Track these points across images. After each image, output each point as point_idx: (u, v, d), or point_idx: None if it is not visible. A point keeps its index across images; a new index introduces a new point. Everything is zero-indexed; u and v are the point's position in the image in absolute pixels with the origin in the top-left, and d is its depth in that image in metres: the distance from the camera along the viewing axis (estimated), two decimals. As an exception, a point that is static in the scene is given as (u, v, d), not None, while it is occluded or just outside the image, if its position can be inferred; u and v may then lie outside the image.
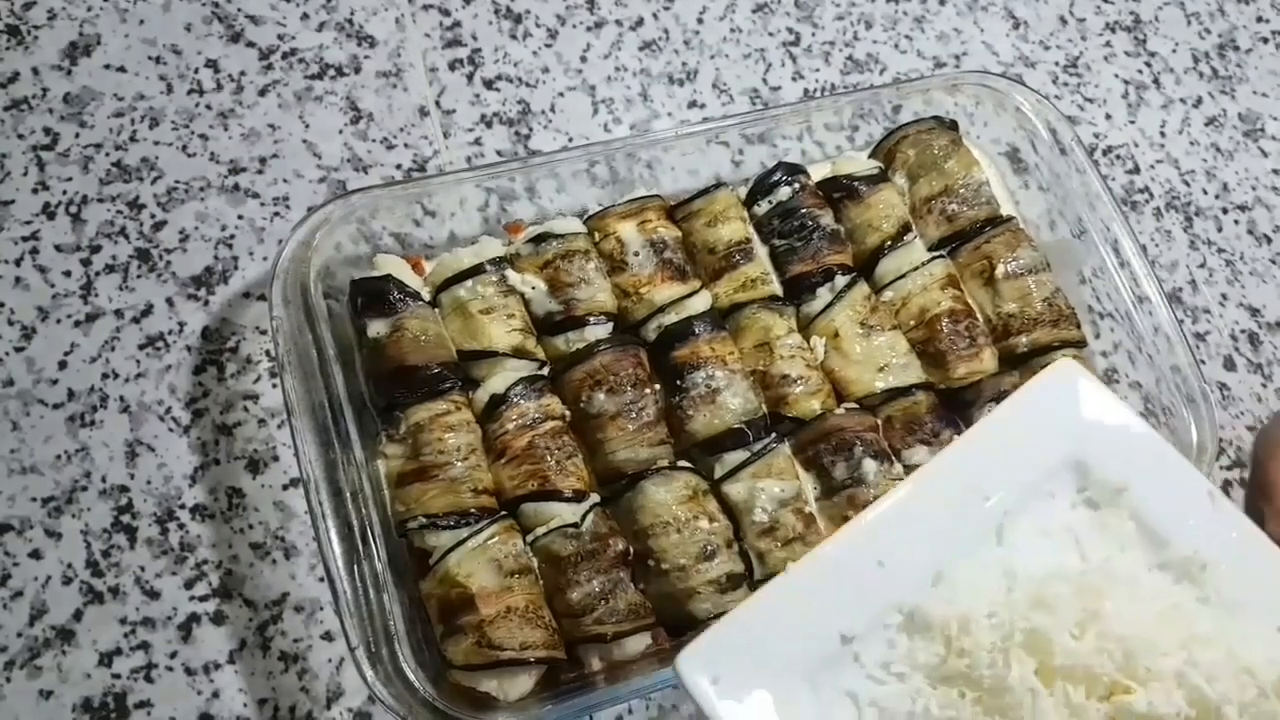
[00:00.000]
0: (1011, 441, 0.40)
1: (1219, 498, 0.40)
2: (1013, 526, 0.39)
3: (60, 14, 0.65)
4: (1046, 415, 0.41)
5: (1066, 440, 0.41)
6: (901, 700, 0.36)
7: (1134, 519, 0.40)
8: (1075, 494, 0.41)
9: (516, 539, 0.51)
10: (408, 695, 0.46)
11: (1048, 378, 0.41)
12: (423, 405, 0.52)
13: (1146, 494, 0.40)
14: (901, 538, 0.38)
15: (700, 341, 0.56)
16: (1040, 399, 0.41)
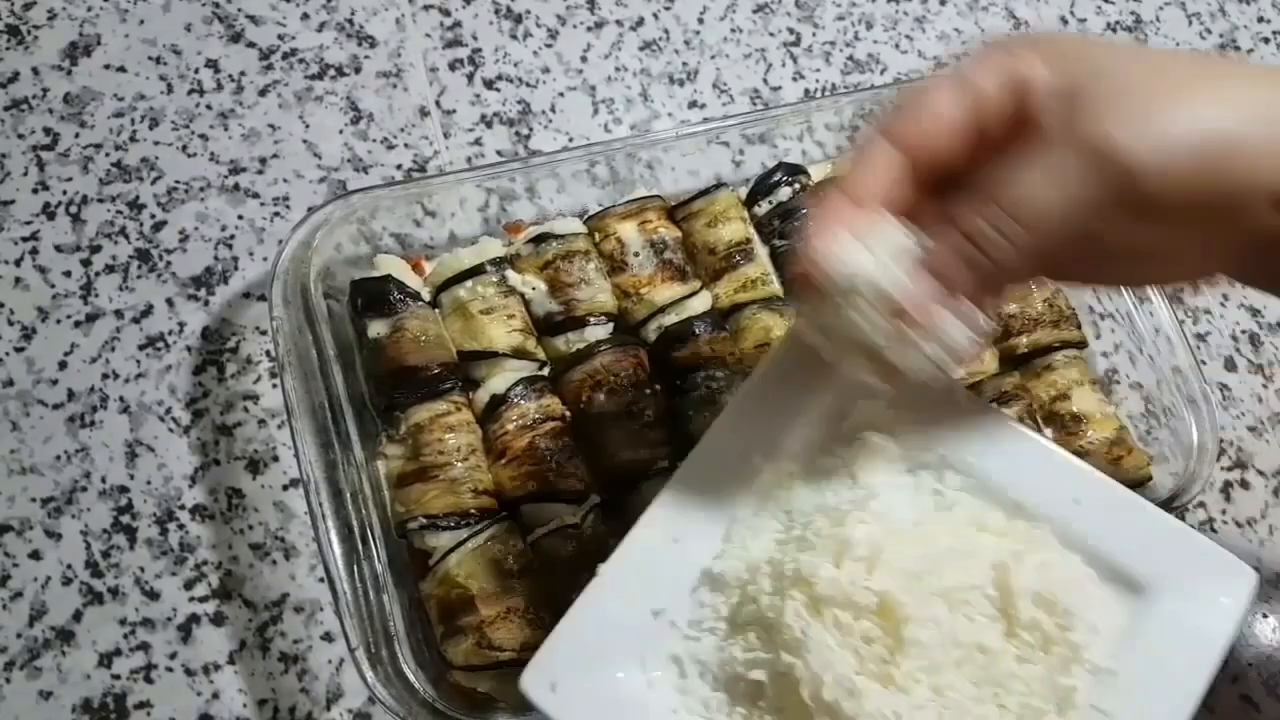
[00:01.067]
0: (776, 396, 0.42)
1: (958, 391, 0.42)
2: (787, 460, 0.41)
3: (60, 14, 0.65)
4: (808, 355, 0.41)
5: (830, 372, 0.41)
6: (712, 651, 0.39)
7: (895, 437, 0.41)
8: (844, 417, 0.42)
9: (517, 540, 0.51)
10: (408, 696, 0.46)
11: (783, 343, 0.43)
12: (423, 405, 0.52)
13: (896, 403, 0.41)
14: (691, 511, 0.41)
15: (701, 342, 0.56)
16: (796, 348, 0.42)
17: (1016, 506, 0.40)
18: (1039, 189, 0.34)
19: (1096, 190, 0.34)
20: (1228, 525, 0.63)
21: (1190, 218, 0.35)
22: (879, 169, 0.36)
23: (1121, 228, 0.35)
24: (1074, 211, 0.34)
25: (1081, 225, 0.34)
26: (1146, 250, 0.37)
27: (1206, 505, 0.64)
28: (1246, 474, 0.65)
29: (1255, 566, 0.61)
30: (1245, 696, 0.58)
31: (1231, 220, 0.35)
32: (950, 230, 0.35)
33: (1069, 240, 0.35)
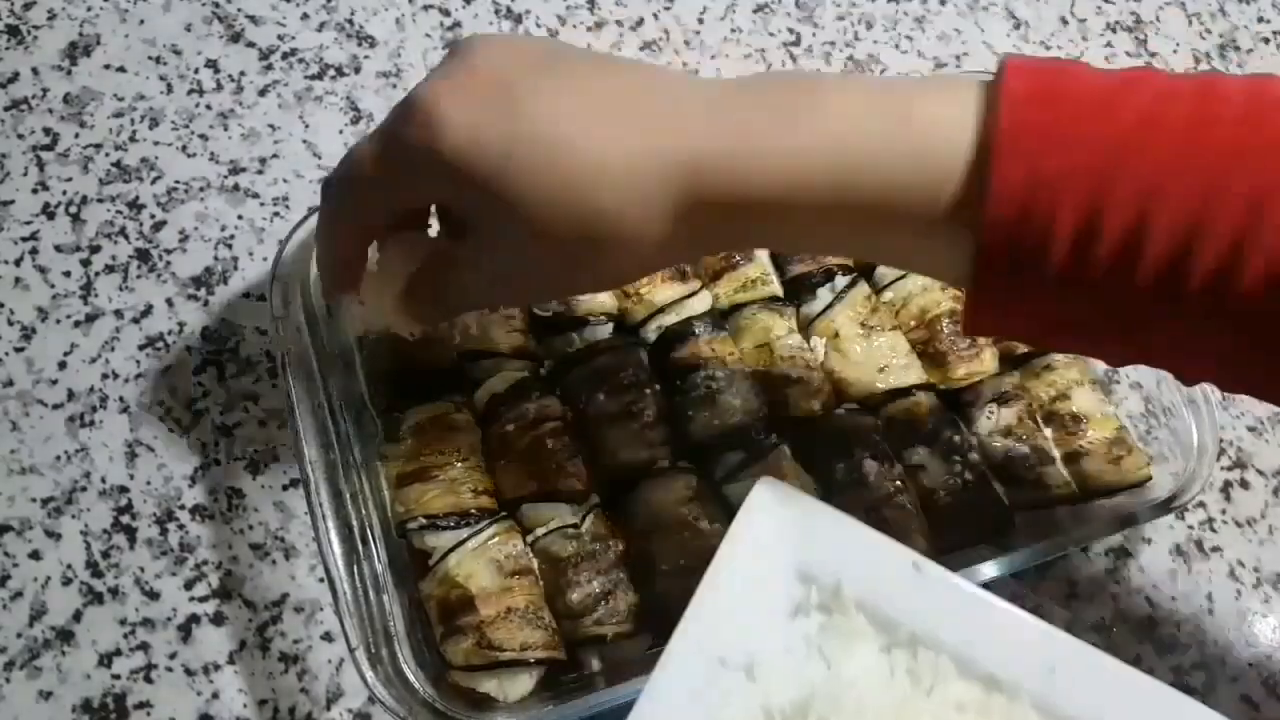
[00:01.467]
0: (738, 590, 0.40)
1: (924, 564, 0.41)
2: (762, 660, 0.40)
3: (60, 14, 0.65)
4: (760, 546, 0.41)
5: (786, 559, 0.41)
6: None
7: (861, 610, 0.40)
8: (810, 603, 0.41)
9: (516, 540, 0.51)
10: (408, 696, 0.46)
11: (748, 508, 0.41)
12: (423, 405, 0.52)
13: (862, 583, 0.40)
14: (675, 710, 0.39)
15: (700, 342, 0.56)
16: (749, 531, 0.41)
17: (992, 680, 0.39)
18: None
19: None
20: (1228, 525, 0.63)
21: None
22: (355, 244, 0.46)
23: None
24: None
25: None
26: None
27: (1206, 505, 0.64)
28: (1246, 474, 0.65)
29: (1255, 567, 0.62)
30: (1245, 696, 0.58)
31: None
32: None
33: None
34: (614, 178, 0.39)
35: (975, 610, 0.41)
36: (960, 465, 0.56)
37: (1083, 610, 0.59)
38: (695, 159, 0.38)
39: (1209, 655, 0.59)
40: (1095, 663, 0.40)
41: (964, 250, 0.37)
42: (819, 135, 0.38)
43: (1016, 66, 0.37)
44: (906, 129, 0.38)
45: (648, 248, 0.41)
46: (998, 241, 0.36)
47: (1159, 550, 0.62)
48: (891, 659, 0.40)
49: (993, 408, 0.58)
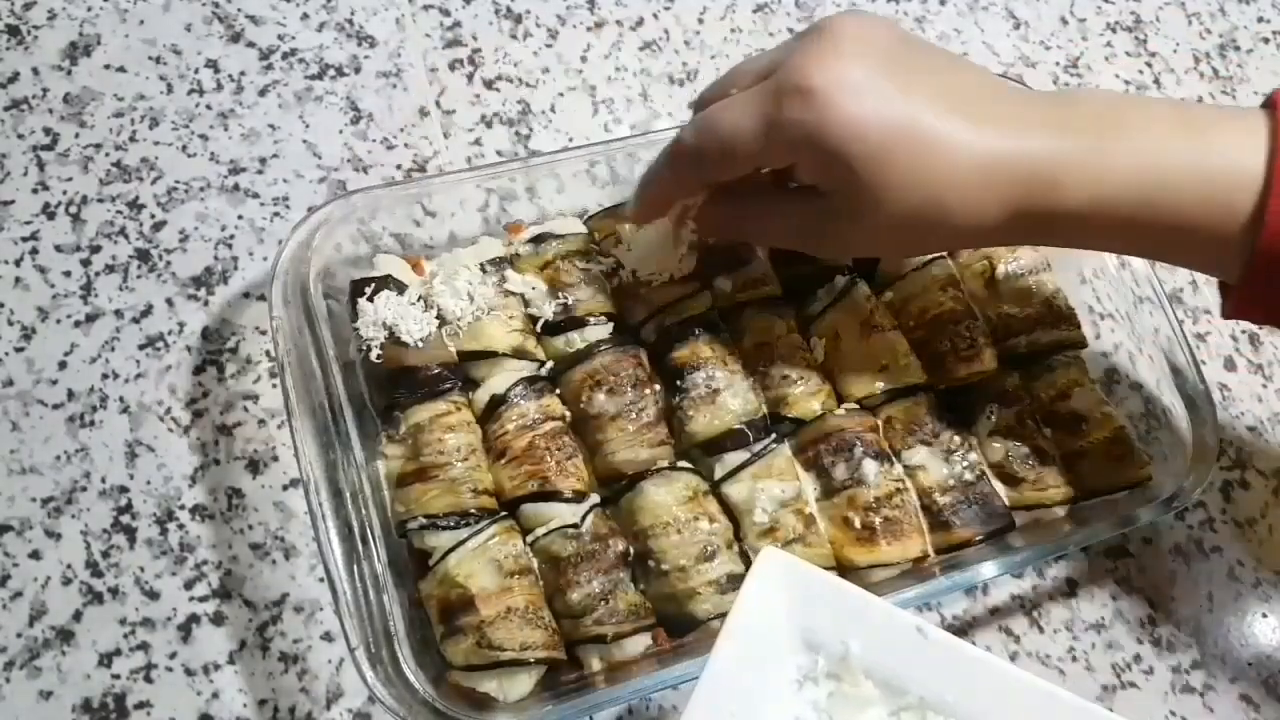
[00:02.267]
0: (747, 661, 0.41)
1: (927, 629, 0.41)
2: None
3: (60, 14, 0.65)
4: (767, 617, 0.41)
5: (792, 629, 0.42)
6: None
7: (869, 677, 0.41)
8: (818, 671, 0.42)
9: (516, 539, 0.51)
10: (408, 696, 0.46)
11: (753, 579, 0.42)
12: (423, 405, 0.52)
13: (868, 649, 0.41)
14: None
15: (700, 342, 0.56)
16: (755, 603, 0.41)
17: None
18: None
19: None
20: (1228, 525, 0.63)
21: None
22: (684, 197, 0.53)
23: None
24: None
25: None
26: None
27: (1206, 505, 0.64)
28: (1246, 474, 0.65)
29: (1255, 566, 0.62)
30: (1245, 696, 0.59)
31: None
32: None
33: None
34: (963, 183, 0.44)
35: (980, 673, 0.41)
36: (960, 465, 0.56)
37: (1083, 610, 0.59)
38: (1027, 175, 0.44)
39: (1209, 655, 0.59)
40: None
41: (1240, 258, 0.44)
42: (1128, 162, 0.44)
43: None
44: (1204, 158, 0.44)
45: (970, 238, 0.50)
46: (1269, 255, 0.43)
47: (1159, 550, 0.62)
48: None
49: (993, 408, 0.58)
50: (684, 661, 0.49)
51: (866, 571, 0.53)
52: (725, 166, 0.48)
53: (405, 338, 0.53)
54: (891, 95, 0.44)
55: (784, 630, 0.42)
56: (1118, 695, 0.57)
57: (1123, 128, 0.45)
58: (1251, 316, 0.49)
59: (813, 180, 0.47)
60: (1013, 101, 0.46)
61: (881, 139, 0.43)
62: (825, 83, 0.43)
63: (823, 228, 0.49)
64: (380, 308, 0.53)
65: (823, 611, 0.42)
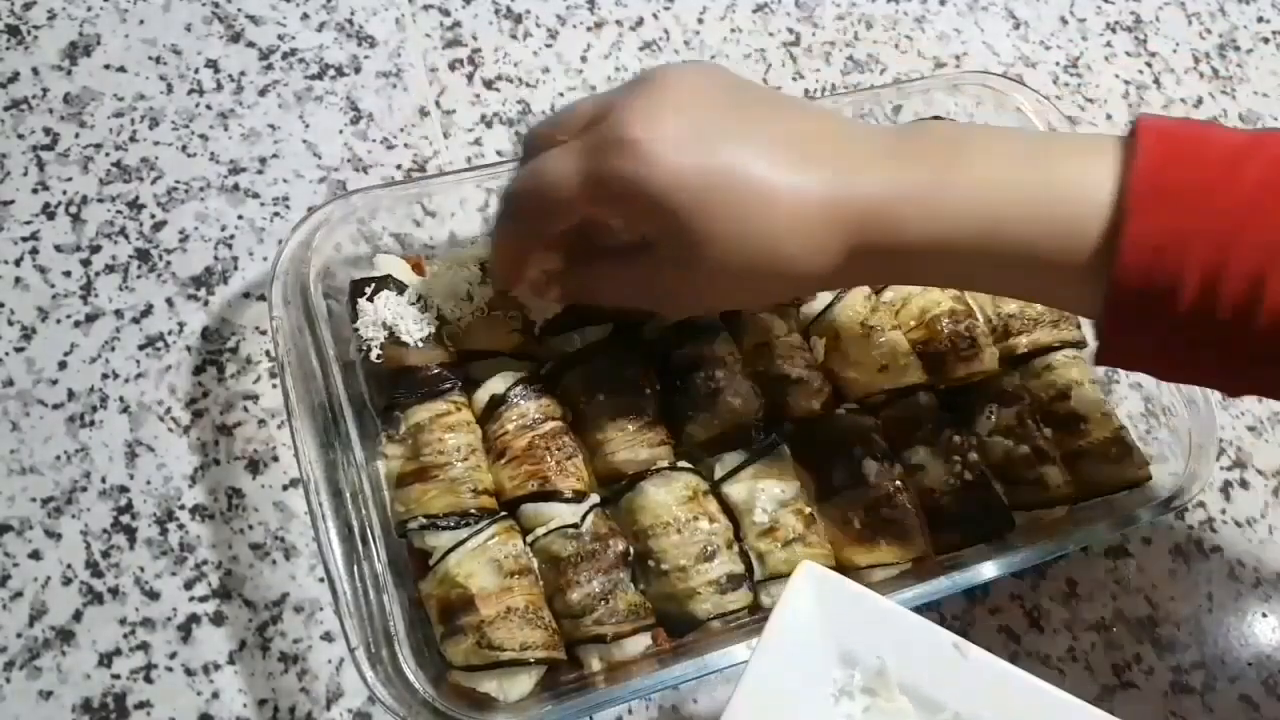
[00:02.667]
0: (783, 675, 0.41)
1: (964, 646, 0.42)
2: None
3: (60, 14, 0.65)
4: (803, 631, 0.42)
5: (828, 643, 0.42)
6: None
7: (905, 692, 0.41)
8: (854, 686, 0.42)
9: (516, 539, 0.51)
10: (408, 696, 0.46)
11: (789, 593, 0.42)
12: (423, 405, 0.52)
13: (904, 664, 0.41)
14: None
15: (700, 342, 0.56)
16: (792, 617, 0.42)
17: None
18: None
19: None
20: (1227, 525, 0.63)
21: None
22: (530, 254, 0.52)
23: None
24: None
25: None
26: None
27: (1206, 505, 0.64)
28: (1246, 474, 0.65)
29: (1255, 566, 0.62)
30: (1245, 696, 0.59)
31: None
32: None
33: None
34: (796, 227, 0.43)
35: (1016, 690, 0.41)
36: (960, 465, 0.56)
37: (1083, 610, 0.59)
38: (862, 214, 0.43)
39: (1209, 655, 0.59)
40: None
41: (1098, 292, 0.41)
42: (968, 194, 0.43)
43: (1148, 127, 0.41)
44: (1049, 190, 0.42)
45: (812, 282, 0.49)
46: (1128, 289, 0.40)
47: (1159, 550, 0.62)
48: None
49: (993, 408, 0.58)
50: (684, 661, 0.49)
51: (866, 571, 0.53)
52: (549, 217, 0.47)
53: (405, 338, 0.53)
54: (714, 146, 0.43)
55: (820, 644, 0.42)
56: (1118, 695, 0.57)
57: (961, 158, 0.43)
58: (1123, 363, 0.46)
59: (640, 233, 0.47)
60: (851, 140, 0.45)
61: (704, 188, 0.43)
62: (647, 134, 0.43)
63: (660, 281, 0.48)
64: (380, 308, 0.53)
65: (859, 626, 0.42)
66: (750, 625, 0.52)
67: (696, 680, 0.49)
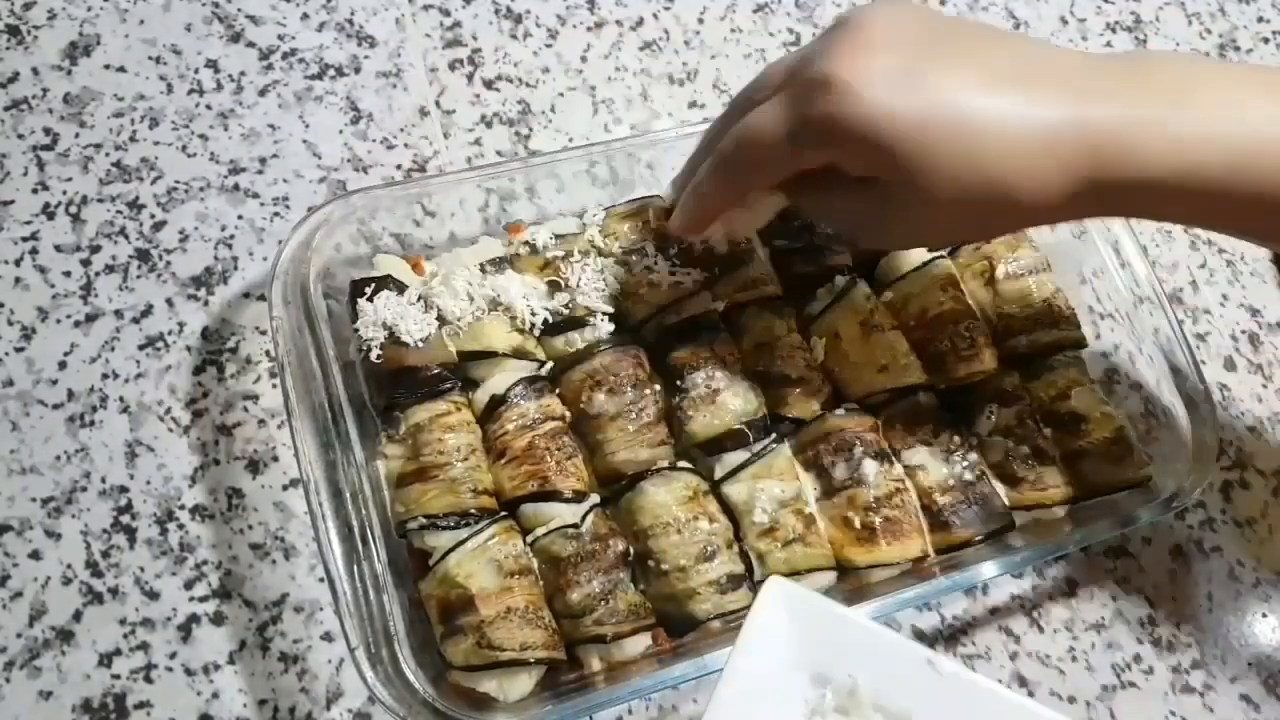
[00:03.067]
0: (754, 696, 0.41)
1: (938, 661, 0.41)
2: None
3: (60, 14, 0.65)
4: (773, 650, 0.41)
5: (799, 662, 0.41)
6: None
7: (877, 709, 0.41)
8: (826, 706, 0.41)
9: (516, 539, 0.51)
10: (408, 696, 0.46)
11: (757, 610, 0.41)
12: (422, 405, 0.52)
13: (877, 682, 0.41)
14: None
15: (700, 342, 0.56)
16: (761, 636, 0.41)
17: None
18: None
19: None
20: (1228, 525, 0.63)
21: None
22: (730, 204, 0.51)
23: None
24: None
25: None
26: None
27: (1206, 505, 0.64)
28: (1246, 474, 0.65)
29: (1255, 566, 0.62)
30: (1245, 696, 0.59)
31: None
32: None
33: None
34: (1018, 155, 0.41)
35: (990, 705, 0.41)
36: (960, 465, 0.56)
37: (1083, 610, 0.59)
38: (1095, 144, 0.41)
39: (1209, 655, 0.59)
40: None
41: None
42: (1214, 125, 0.40)
43: None
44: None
45: (1040, 214, 0.45)
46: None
47: (1159, 550, 0.62)
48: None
49: (993, 408, 0.58)
50: (684, 661, 0.49)
51: (866, 571, 0.53)
52: (763, 171, 0.47)
53: (405, 338, 0.53)
54: (922, 80, 0.42)
55: (790, 663, 0.41)
56: (1118, 695, 0.57)
57: (1200, 93, 0.41)
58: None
59: (862, 172, 0.45)
60: (1072, 68, 0.43)
61: (919, 124, 0.41)
62: (850, 75, 0.42)
63: (882, 217, 0.46)
64: (380, 308, 0.53)
65: (830, 643, 0.41)
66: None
67: (696, 680, 0.49)
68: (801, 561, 0.52)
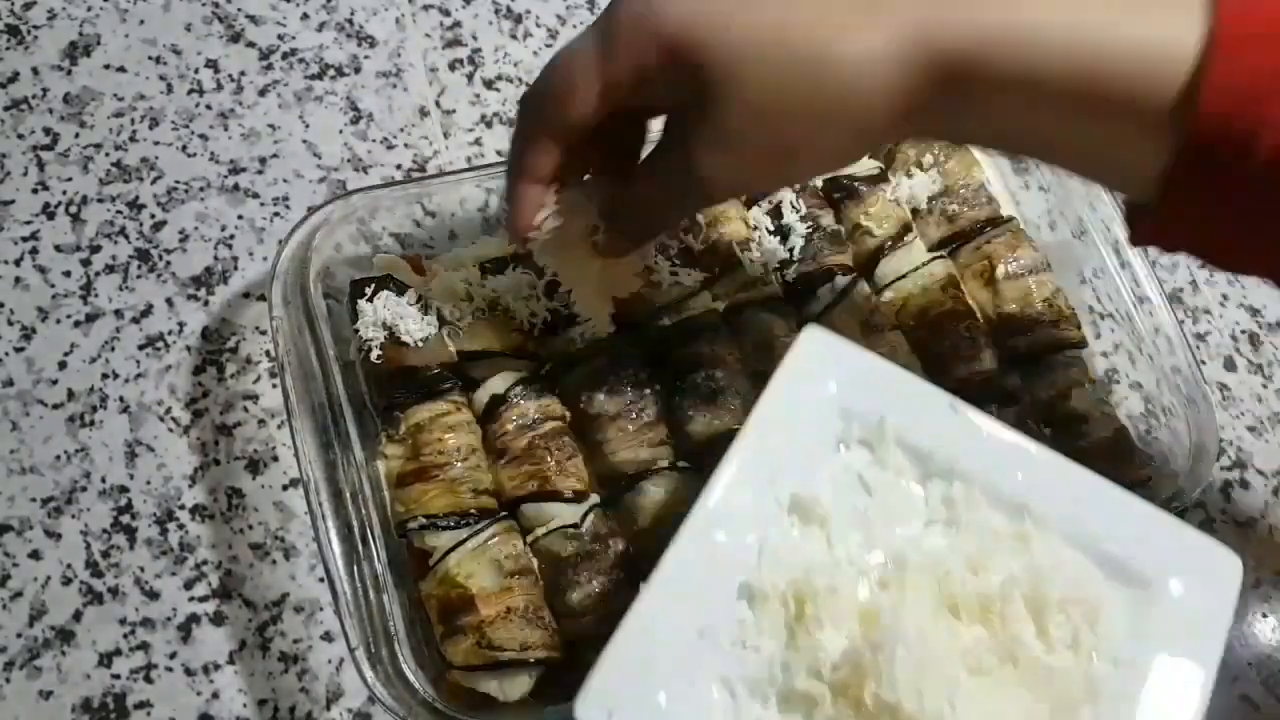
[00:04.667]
0: (785, 421, 0.43)
1: (960, 405, 0.44)
2: (806, 483, 0.43)
3: (60, 14, 0.65)
4: (806, 384, 0.44)
5: (830, 397, 0.44)
6: (760, 668, 0.39)
7: (899, 445, 0.43)
8: (851, 438, 0.44)
9: (516, 540, 0.51)
10: (408, 696, 0.46)
11: (795, 349, 0.44)
12: (423, 405, 0.52)
13: (901, 420, 0.43)
14: (723, 532, 0.41)
15: (700, 342, 0.56)
16: (796, 370, 0.44)
17: (1023, 509, 0.42)
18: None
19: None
20: (1228, 525, 0.63)
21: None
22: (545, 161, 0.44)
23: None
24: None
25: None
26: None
27: (1206, 505, 0.64)
28: (1246, 474, 0.65)
29: (1254, 566, 0.62)
30: (1245, 696, 0.58)
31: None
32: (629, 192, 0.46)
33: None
34: (844, 48, 0.37)
35: (1006, 448, 0.44)
36: (960, 465, 0.56)
37: (1083, 610, 0.59)
38: (930, 30, 0.37)
39: (1209, 655, 0.59)
40: (1119, 498, 0.43)
41: (1166, 148, 0.37)
42: (1054, 14, 0.37)
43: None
44: (1143, 28, 0.37)
45: (876, 122, 0.39)
46: (1202, 141, 0.36)
47: (1159, 550, 0.62)
48: (928, 490, 0.43)
49: (993, 408, 0.58)
50: (684, 661, 0.49)
51: (866, 571, 0.53)
52: (571, 100, 0.42)
53: (405, 338, 0.53)
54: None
55: (820, 399, 0.44)
56: (1118, 695, 0.57)
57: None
58: (1174, 237, 0.41)
59: (670, 93, 0.41)
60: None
61: (724, 18, 0.38)
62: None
63: (701, 165, 0.41)
64: (380, 308, 0.53)
65: (859, 384, 0.44)
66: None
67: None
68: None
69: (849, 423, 0.44)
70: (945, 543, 0.42)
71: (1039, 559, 0.41)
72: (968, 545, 0.41)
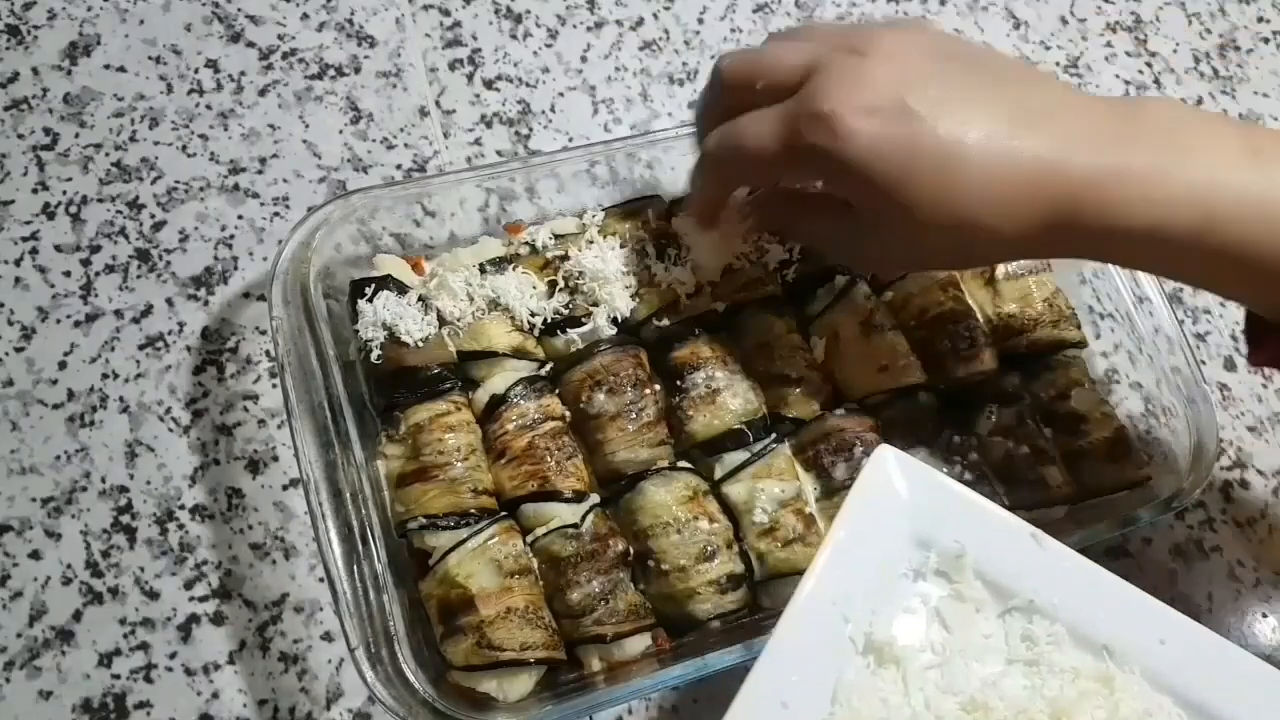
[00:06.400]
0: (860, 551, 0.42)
1: (1042, 537, 0.43)
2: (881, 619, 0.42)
3: (60, 14, 0.65)
4: (879, 511, 0.43)
5: (905, 525, 0.43)
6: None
7: (978, 576, 0.43)
8: (928, 568, 0.43)
9: (516, 539, 0.51)
10: (408, 696, 0.46)
11: (868, 474, 0.43)
12: (423, 405, 0.52)
13: (980, 551, 0.42)
14: (795, 673, 0.40)
15: (700, 342, 0.56)
16: (869, 497, 0.43)
17: (1105, 650, 0.42)
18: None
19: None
20: (1228, 525, 0.63)
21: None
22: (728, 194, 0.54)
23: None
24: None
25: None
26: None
27: (1206, 505, 0.64)
28: (1246, 474, 0.65)
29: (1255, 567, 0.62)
30: (1245, 696, 0.58)
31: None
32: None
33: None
34: (998, 200, 0.43)
35: (1091, 583, 0.42)
36: (960, 465, 0.56)
37: (1083, 610, 0.59)
38: (1074, 190, 0.43)
39: (1209, 655, 0.59)
40: (1204, 639, 0.42)
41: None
42: (1186, 186, 0.42)
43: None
44: (1271, 189, 0.42)
45: (1012, 250, 0.48)
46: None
47: (1159, 550, 0.62)
48: (1007, 625, 0.42)
49: (993, 408, 0.58)
50: (684, 661, 0.49)
51: (866, 571, 0.53)
52: (749, 177, 0.52)
53: (405, 338, 0.53)
54: (915, 115, 0.43)
55: (895, 527, 0.43)
56: (1118, 695, 0.57)
57: (1185, 149, 0.43)
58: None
59: (843, 198, 0.48)
60: (1066, 110, 0.44)
61: (904, 159, 0.43)
62: (844, 108, 0.43)
63: (858, 243, 0.49)
64: (380, 308, 0.53)
65: (936, 511, 0.43)
66: (750, 625, 0.52)
67: (696, 680, 0.49)
68: (802, 561, 0.52)
69: (925, 551, 0.43)
70: (1026, 684, 0.41)
71: (1124, 707, 0.40)
72: (1049, 689, 0.40)
